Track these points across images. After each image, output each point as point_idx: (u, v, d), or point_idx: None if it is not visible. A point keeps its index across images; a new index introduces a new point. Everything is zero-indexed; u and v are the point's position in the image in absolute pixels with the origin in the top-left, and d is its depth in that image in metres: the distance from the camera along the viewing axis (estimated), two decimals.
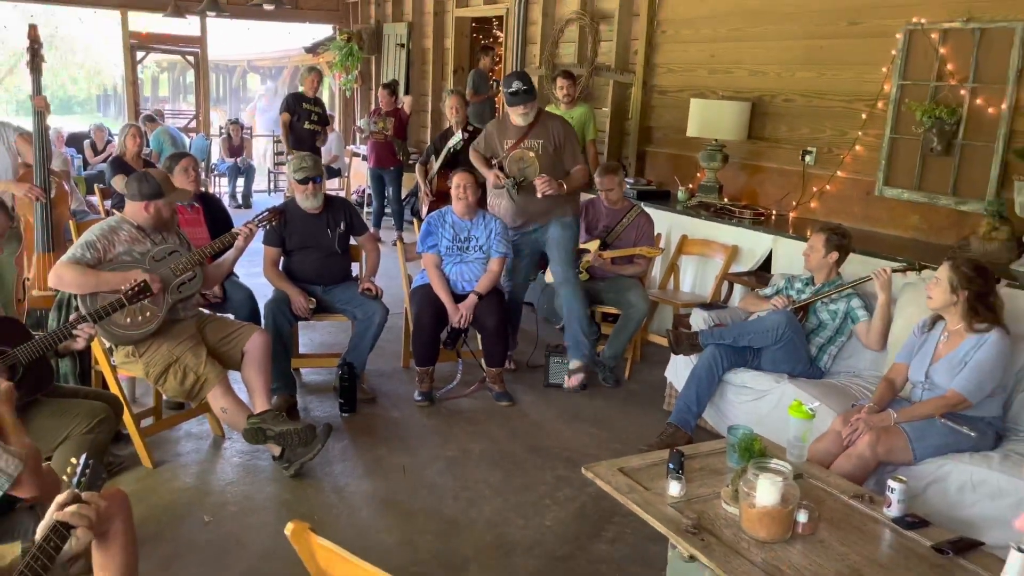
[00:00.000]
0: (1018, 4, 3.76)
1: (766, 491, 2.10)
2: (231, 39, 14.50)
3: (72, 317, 2.75)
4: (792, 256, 4.26)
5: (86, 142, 9.29)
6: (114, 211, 3.59)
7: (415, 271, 4.44)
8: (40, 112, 3.59)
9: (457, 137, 5.69)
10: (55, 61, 18.57)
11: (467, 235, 4.14)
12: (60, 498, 1.56)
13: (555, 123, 4.23)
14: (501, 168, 4.22)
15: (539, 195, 4.06)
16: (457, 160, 5.63)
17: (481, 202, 4.29)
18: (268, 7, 6.57)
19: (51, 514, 1.54)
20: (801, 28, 4.83)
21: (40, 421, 2.57)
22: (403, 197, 7.77)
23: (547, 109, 4.66)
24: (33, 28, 3.58)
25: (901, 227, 4.39)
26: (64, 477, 1.67)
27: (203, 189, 4.14)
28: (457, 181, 4.11)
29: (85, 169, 8.88)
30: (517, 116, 4.12)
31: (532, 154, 4.11)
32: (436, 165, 5.87)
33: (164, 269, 3.16)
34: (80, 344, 2.68)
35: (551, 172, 4.09)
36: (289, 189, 4.94)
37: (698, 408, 3.60)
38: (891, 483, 2.31)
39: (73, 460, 1.67)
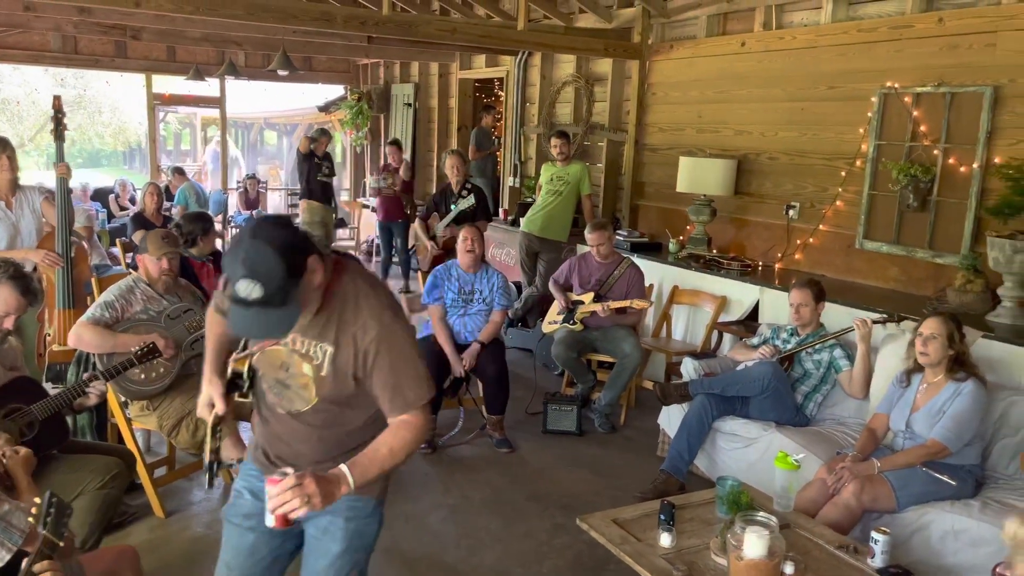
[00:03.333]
0: (986, 71, 4.01)
1: (753, 544, 2.19)
2: (249, 97, 14.98)
3: (86, 376, 2.88)
4: (778, 306, 4.43)
5: (111, 196, 9.79)
6: (131, 271, 3.75)
7: (419, 322, 4.59)
8: (62, 178, 3.78)
9: (470, 200, 5.92)
10: (83, 120, 19.46)
11: (471, 288, 4.31)
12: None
13: (370, 318, 1.76)
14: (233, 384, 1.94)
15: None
16: (463, 219, 5.85)
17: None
18: (282, 73, 6.98)
19: None
20: (783, 91, 5.09)
21: (55, 477, 2.67)
22: (409, 248, 8.08)
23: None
24: (57, 99, 3.79)
25: (881, 278, 4.58)
26: (30, 519, 1.69)
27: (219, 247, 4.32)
28: (464, 235, 4.31)
29: (109, 222, 9.28)
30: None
31: (307, 368, 1.80)
32: (442, 224, 6.07)
33: (179, 327, 3.32)
34: (92, 401, 2.80)
35: (335, 429, 1.88)
36: None
37: (689, 456, 3.72)
38: (875, 534, 2.41)
39: (37, 500, 1.67)
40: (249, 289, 1.54)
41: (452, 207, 6.03)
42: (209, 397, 1.92)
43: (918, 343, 3.07)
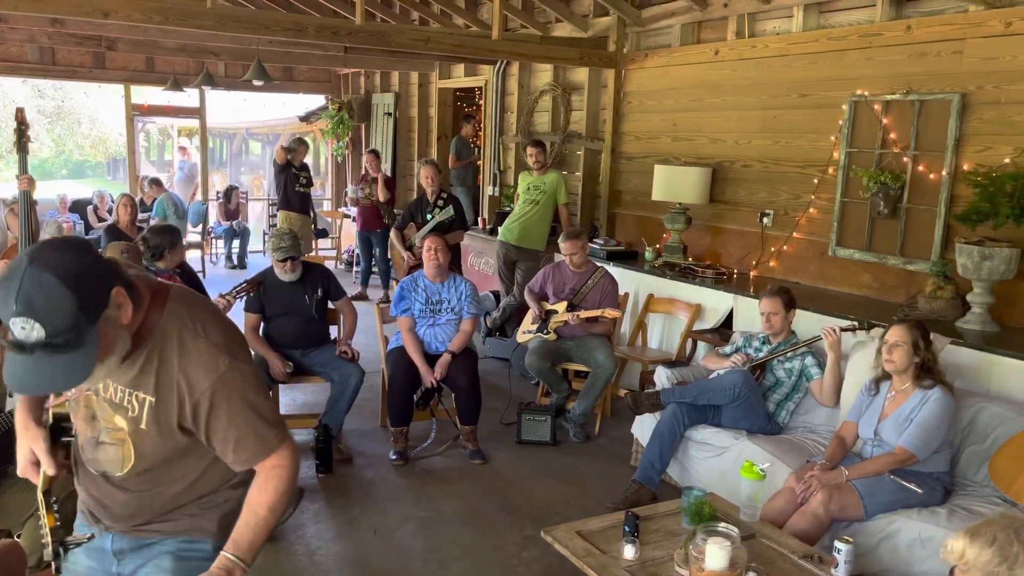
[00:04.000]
0: (953, 78, 4.03)
1: (714, 556, 2.19)
2: (230, 107, 14.97)
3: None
4: (752, 314, 4.41)
5: (89, 207, 9.72)
6: None
7: (392, 332, 4.56)
8: (26, 191, 3.72)
9: (448, 212, 5.90)
10: (62, 131, 19.36)
11: (439, 298, 4.29)
12: None
13: (199, 366, 1.45)
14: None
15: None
16: (442, 229, 5.83)
17: (453, 265, 4.43)
18: (257, 83, 7.00)
19: None
20: (756, 99, 5.11)
21: (8, 495, 2.61)
22: (388, 257, 8.07)
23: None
24: (20, 111, 3.73)
25: (854, 285, 4.59)
26: None
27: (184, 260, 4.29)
28: (428, 244, 4.28)
29: (87, 233, 9.22)
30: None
31: (121, 421, 1.50)
32: (420, 235, 6.03)
33: None
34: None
35: (162, 489, 1.58)
36: None
37: (661, 465, 3.71)
38: (838, 544, 2.41)
39: None
40: (27, 330, 1.18)
41: (428, 217, 6.00)
42: (30, 453, 1.56)
43: (884, 351, 3.08)
